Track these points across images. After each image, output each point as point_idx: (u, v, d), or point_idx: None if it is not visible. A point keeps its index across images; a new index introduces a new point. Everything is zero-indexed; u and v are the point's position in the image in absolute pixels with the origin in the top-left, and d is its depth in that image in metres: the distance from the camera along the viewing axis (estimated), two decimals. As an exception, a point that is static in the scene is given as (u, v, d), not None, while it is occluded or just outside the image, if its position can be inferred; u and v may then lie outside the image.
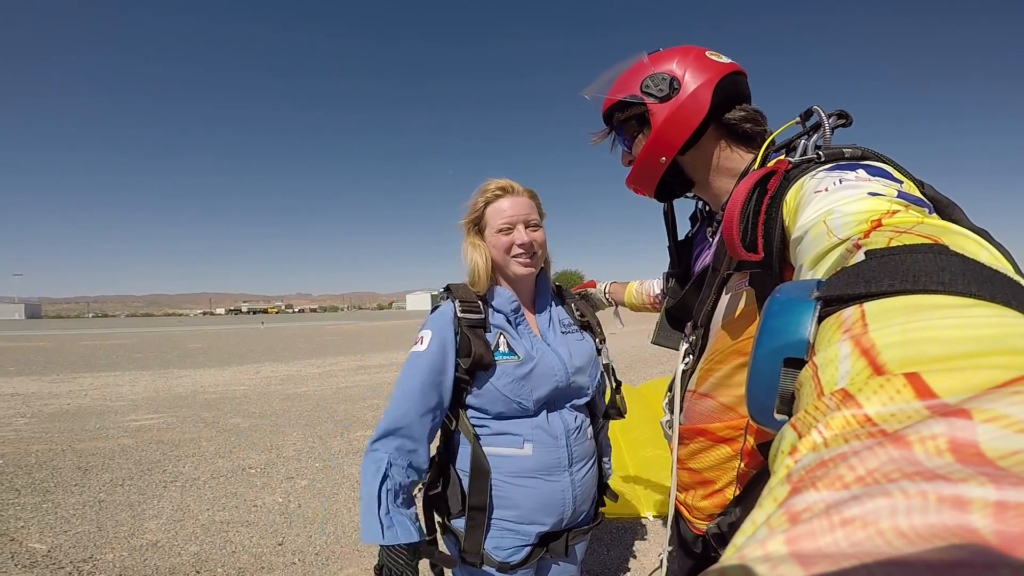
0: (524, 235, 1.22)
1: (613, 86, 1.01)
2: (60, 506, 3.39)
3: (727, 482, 0.95)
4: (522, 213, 1.23)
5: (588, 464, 1.27)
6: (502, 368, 1.17)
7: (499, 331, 1.22)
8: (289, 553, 2.78)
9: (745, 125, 0.94)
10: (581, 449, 1.25)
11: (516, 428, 1.18)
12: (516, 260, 1.23)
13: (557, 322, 1.33)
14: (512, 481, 1.18)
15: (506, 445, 1.18)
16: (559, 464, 1.19)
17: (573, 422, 1.24)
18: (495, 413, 1.19)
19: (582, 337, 1.35)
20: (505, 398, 1.16)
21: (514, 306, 1.25)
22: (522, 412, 1.18)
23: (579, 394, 1.27)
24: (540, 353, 1.22)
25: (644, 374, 8.21)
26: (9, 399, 7.38)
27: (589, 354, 1.31)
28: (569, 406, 1.26)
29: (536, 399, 1.18)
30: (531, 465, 1.18)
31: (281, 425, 5.67)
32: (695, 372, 1.00)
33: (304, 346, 17.16)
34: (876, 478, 0.18)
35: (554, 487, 1.19)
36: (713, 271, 0.94)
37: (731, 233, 0.71)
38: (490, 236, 1.24)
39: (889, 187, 0.56)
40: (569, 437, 1.22)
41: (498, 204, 1.24)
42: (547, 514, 1.19)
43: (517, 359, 1.18)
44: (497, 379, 1.16)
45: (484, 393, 1.18)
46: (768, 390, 0.37)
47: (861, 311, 0.31)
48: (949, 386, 0.23)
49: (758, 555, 0.17)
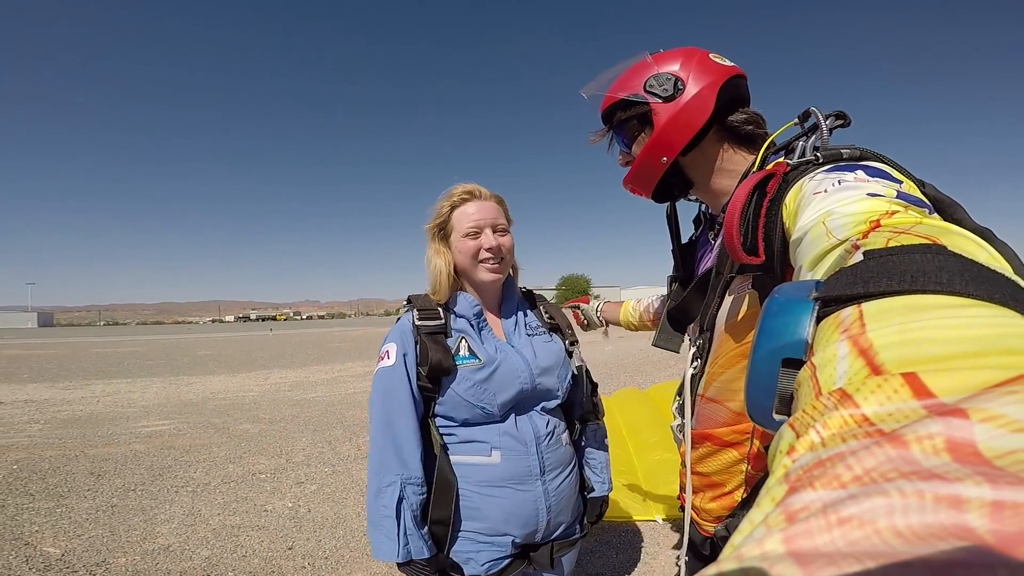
0: (492, 239, 1.19)
1: (614, 85, 1.00)
2: (73, 511, 3.43)
3: (736, 485, 0.95)
4: (489, 217, 1.20)
5: (564, 472, 1.22)
6: (463, 372, 1.14)
7: (461, 335, 1.19)
8: (299, 557, 2.79)
9: (747, 127, 0.94)
10: (555, 456, 1.20)
11: (483, 435, 1.15)
12: (483, 265, 1.20)
13: (523, 325, 1.29)
14: (480, 491, 1.13)
15: (473, 453, 1.14)
16: (530, 472, 1.15)
17: (544, 427, 1.19)
18: (461, 420, 1.15)
19: (550, 338, 1.31)
20: (467, 403, 1.13)
21: (476, 310, 1.22)
22: (488, 418, 1.15)
23: (547, 396, 1.23)
24: (503, 355, 1.18)
25: (652, 377, 8.17)
26: (23, 406, 7.46)
27: (556, 355, 1.27)
28: (539, 410, 1.21)
29: (501, 403, 1.14)
30: (499, 474, 1.13)
31: (290, 431, 5.69)
32: (703, 376, 0.99)
33: (312, 352, 17.22)
34: (873, 477, 0.18)
35: (525, 497, 1.14)
36: (716, 274, 0.93)
37: (732, 237, 0.70)
38: (456, 241, 1.21)
39: (888, 188, 0.56)
40: (540, 443, 1.17)
41: (464, 208, 1.21)
42: (518, 525, 1.14)
43: (478, 362, 1.15)
44: (458, 384, 1.13)
45: (447, 399, 1.14)
46: (767, 390, 0.37)
47: (859, 311, 0.32)
48: (946, 386, 0.23)
49: (755, 554, 0.17)
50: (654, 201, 1.09)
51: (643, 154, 0.96)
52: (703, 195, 1.04)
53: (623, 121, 0.99)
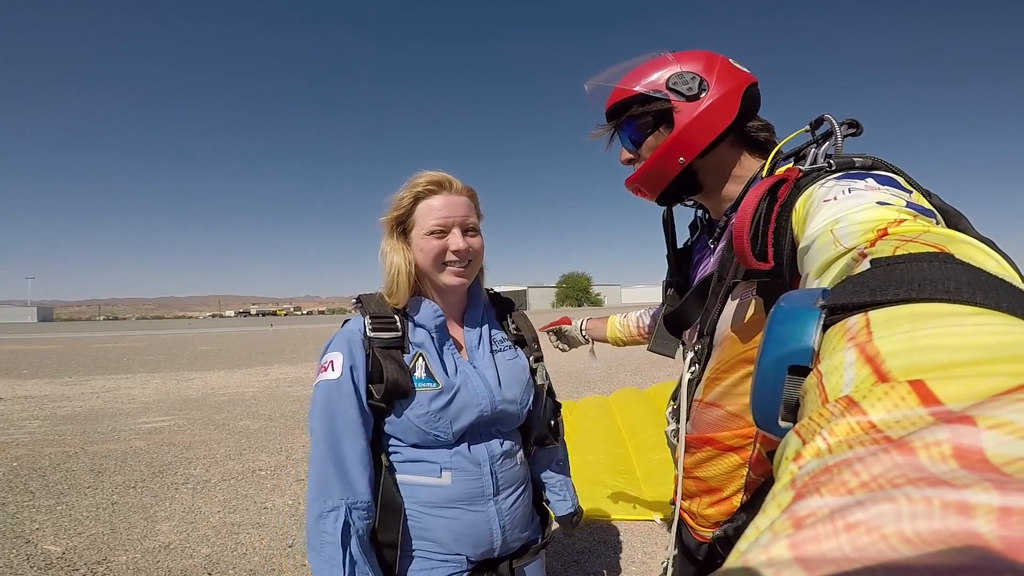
0: (460, 240, 1.06)
1: (626, 79, 0.96)
2: (74, 508, 3.44)
3: (734, 490, 0.95)
4: (459, 214, 1.07)
5: (518, 491, 1.14)
6: (419, 397, 1.03)
7: (418, 351, 1.06)
8: (299, 555, 2.79)
9: (763, 134, 0.94)
10: (508, 476, 1.12)
11: (433, 456, 1.05)
12: (449, 269, 1.08)
13: (488, 340, 1.17)
14: (429, 512, 1.05)
15: (422, 473, 1.05)
16: (482, 493, 1.07)
17: (499, 447, 1.11)
18: (410, 443, 1.06)
19: (515, 354, 1.21)
20: (419, 430, 1.03)
21: (439, 321, 1.10)
22: (439, 443, 1.05)
23: (507, 421, 1.14)
24: (463, 379, 1.08)
25: (651, 377, 8.17)
26: (23, 402, 7.48)
27: (520, 375, 1.17)
28: (494, 431, 1.12)
29: (456, 430, 1.05)
30: (450, 495, 1.05)
31: (290, 427, 5.70)
32: (701, 381, 0.98)
33: (313, 348, 17.21)
34: (880, 483, 0.18)
35: (477, 517, 1.06)
36: (718, 279, 0.92)
37: (742, 242, 0.69)
38: (418, 239, 1.07)
39: (898, 197, 0.55)
40: (494, 464, 1.09)
41: (430, 202, 1.06)
42: (470, 545, 1.06)
43: (435, 387, 1.03)
44: (412, 409, 1.02)
45: (398, 422, 1.04)
46: (773, 397, 0.37)
47: (866, 319, 0.31)
48: (954, 393, 0.23)
49: (762, 559, 0.17)
50: (657, 203, 1.06)
51: (658, 153, 0.94)
52: (708, 200, 1.03)
53: (636, 116, 0.96)
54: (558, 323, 1.75)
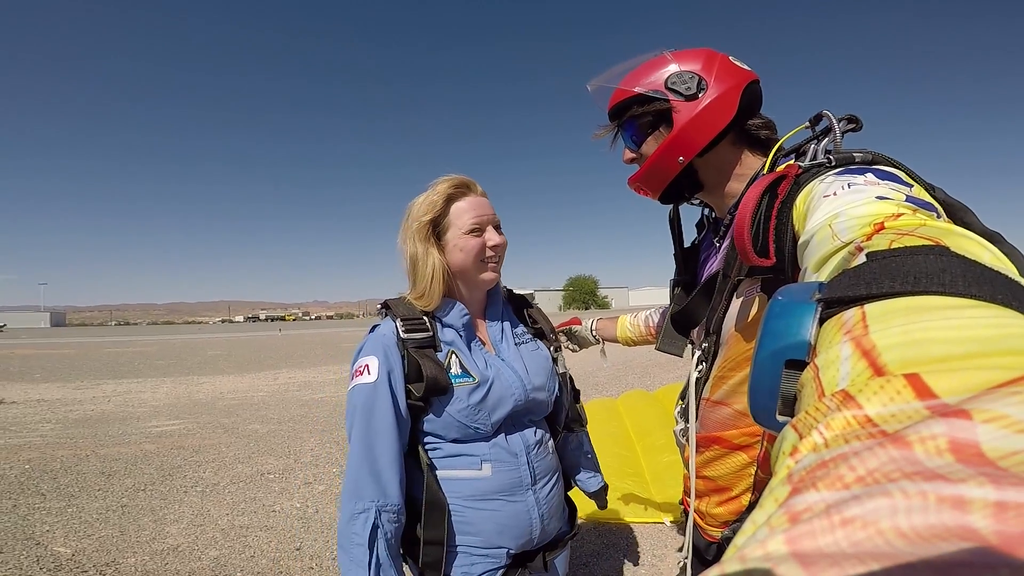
0: (496, 236, 1.12)
1: (627, 79, 0.97)
2: (84, 510, 3.46)
3: (743, 489, 0.95)
4: (489, 212, 1.13)
5: (552, 479, 1.19)
6: (458, 392, 1.06)
7: (450, 349, 1.10)
8: (307, 558, 2.79)
9: (763, 132, 0.94)
10: (543, 465, 1.16)
11: (472, 449, 1.09)
12: (487, 265, 1.13)
13: (510, 333, 1.23)
14: (472, 505, 1.08)
15: (463, 467, 1.09)
16: (521, 483, 1.11)
17: (533, 437, 1.16)
18: (450, 438, 1.10)
19: (537, 346, 1.26)
20: (460, 424, 1.07)
21: (465, 320, 1.14)
22: (479, 436, 1.09)
23: (539, 410, 1.19)
24: (495, 371, 1.12)
25: (660, 379, 8.13)
26: (35, 405, 7.56)
27: (545, 365, 1.23)
28: (528, 421, 1.17)
29: (494, 422, 1.09)
30: (491, 487, 1.08)
31: (299, 431, 5.71)
32: (708, 379, 0.98)
33: (321, 352, 17.30)
34: (876, 478, 0.19)
35: (518, 508, 1.10)
36: (723, 277, 0.92)
37: (743, 239, 0.70)
38: (456, 239, 1.11)
39: (898, 191, 0.55)
40: (530, 454, 1.13)
41: (461, 203, 1.12)
42: (513, 536, 1.10)
43: (472, 381, 1.08)
44: (452, 405, 1.06)
45: (439, 419, 1.07)
46: (770, 392, 0.37)
47: (862, 313, 0.32)
48: (949, 386, 0.23)
49: (758, 555, 0.17)
50: (660, 202, 1.07)
51: (658, 153, 0.95)
52: (712, 198, 1.03)
53: (636, 117, 0.97)
54: (568, 324, 1.76)
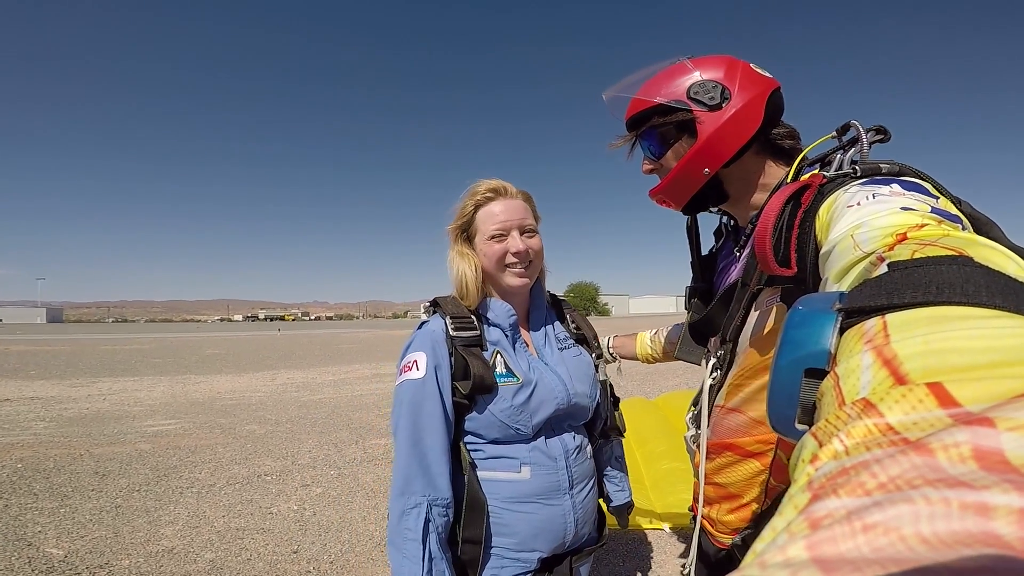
0: (519, 242, 1.12)
1: (645, 88, 0.96)
2: (77, 511, 3.41)
3: (754, 497, 0.95)
4: (516, 217, 1.13)
5: (588, 485, 1.20)
6: (502, 392, 1.08)
7: (495, 349, 1.12)
8: (304, 561, 2.76)
9: (788, 141, 0.94)
10: (581, 470, 1.17)
11: (513, 452, 1.10)
12: (510, 271, 1.13)
13: (553, 338, 1.24)
14: (510, 507, 1.09)
15: (503, 469, 1.10)
16: (559, 487, 1.12)
17: (572, 442, 1.16)
18: (491, 439, 1.10)
19: (579, 352, 1.27)
20: (502, 424, 1.08)
21: (512, 320, 1.16)
22: (519, 438, 1.10)
23: (579, 415, 1.20)
24: (539, 374, 1.13)
25: (660, 386, 8.11)
26: (29, 403, 7.50)
27: (587, 370, 1.23)
28: (568, 425, 1.18)
29: (535, 424, 1.10)
30: (530, 489, 1.09)
31: (296, 432, 5.67)
32: (723, 387, 0.98)
33: (320, 353, 17.27)
34: (898, 485, 0.18)
35: (554, 511, 1.11)
36: (743, 286, 0.91)
37: (764, 247, 0.69)
38: (480, 244, 1.14)
39: (923, 202, 0.55)
40: (568, 458, 1.14)
41: (489, 208, 1.13)
42: (547, 540, 1.11)
43: (516, 381, 1.09)
44: (496, 404, 1.07)
45: (481, 418, 1.09)
46: (789, 400, 0.36)
47: (883, 322, 0.32)
48: (972, 395, 0.23)
49: (778, 560, 0.17)
50: (684, 213, 1.07)
51: (682, 164, 0.93)
52: (736, 208, 1.02)
53: (656, 127, 0.95)
54: None
